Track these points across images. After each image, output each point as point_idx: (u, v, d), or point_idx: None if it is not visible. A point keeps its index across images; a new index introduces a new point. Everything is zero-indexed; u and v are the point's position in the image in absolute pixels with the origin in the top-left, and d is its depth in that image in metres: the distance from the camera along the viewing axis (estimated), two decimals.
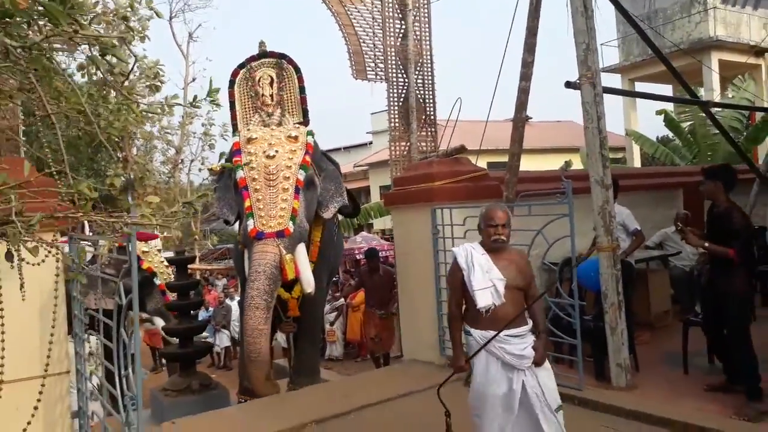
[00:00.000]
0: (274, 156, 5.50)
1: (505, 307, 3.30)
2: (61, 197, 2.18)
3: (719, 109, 11.57)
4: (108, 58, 1.90)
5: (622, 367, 4.98)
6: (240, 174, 5.53)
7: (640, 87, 17.76)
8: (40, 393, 4.02)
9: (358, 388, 5.78)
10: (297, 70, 6.17)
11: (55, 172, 2.70)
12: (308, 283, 5.42)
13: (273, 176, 5.43)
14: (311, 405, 5.19)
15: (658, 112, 12.02)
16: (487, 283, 3.30)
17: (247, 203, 5.42)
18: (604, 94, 5.29)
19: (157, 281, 8.42)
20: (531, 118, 24.73)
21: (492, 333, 3.24)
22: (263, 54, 6.23)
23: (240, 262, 6.08)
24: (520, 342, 3.30)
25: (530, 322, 3.40)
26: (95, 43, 1.82)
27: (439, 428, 4.59)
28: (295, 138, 5.70)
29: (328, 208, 5.95)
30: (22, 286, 2.60)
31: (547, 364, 3.39)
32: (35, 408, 3.84)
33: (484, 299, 3.29)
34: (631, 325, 5.43)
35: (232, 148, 5.81)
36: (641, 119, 16.98)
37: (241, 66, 6.20)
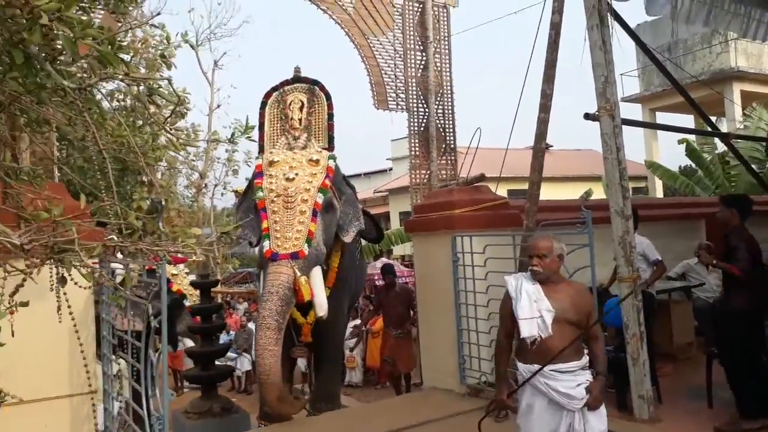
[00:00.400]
0: (293, 179, 5.59)
1: (552, 340, 3.10)
2: (110, 226, 2.31)
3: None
4: (154, 96, 2.03)
5: (644, 398, 4.93)
6: (260, 195, 5.64)
7: (661, 117, 17.77)
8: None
9: (377, 415, 5.79)
10: (328, 97, 6.28)
11: (92, 194, 2.85)
12: (321, 306, 5.45)
13: (291, 198, 5.51)
14: (330, 431, 5.21)
15: (680, 142, 11.99)
16: (534, 314, 3.16)
17: (264, 224, 5.51)
18: (624, 126, 5.36)
19: (187, 303, 8.56)
20: (552, 146, 24.75)
21: (537, 367, 3.10)
22: (297, 79, 6.36)
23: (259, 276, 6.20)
24: (570, 379, 3.09)
25: (585, 360, 3.18)
26: (142, 83, 1.95)
27: None
28: (317, 162, 5.78)
29: (348, 232, 6.01)
30: (59, 308, 2.71)
31: (602, 409, 3.14)
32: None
33: (528, 329, 3.16)
34: (653, 357, 5.40)
35: (254, 170, 5.93)
36: (663, 148, 16.96)
37: (274, 89, 6.33)
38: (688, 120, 17.24)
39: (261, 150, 6.18)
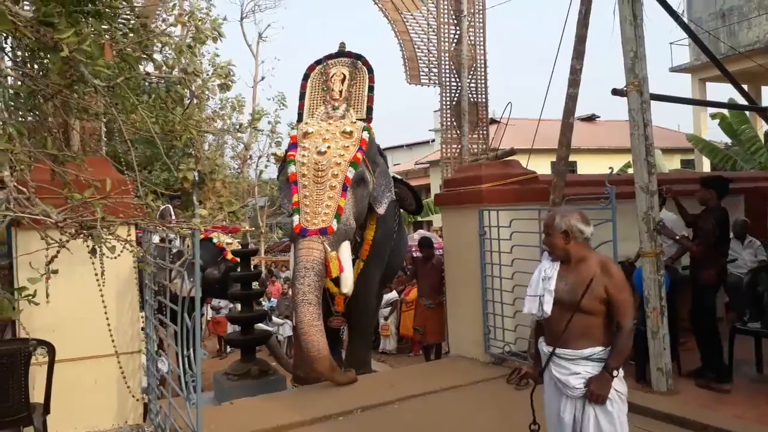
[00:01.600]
0: (325, 152, 5.59)
1: (551, 322, 2.99)
2: (133, 204, 2.57)
3: None
4: (171, 90, 2.26)
5: (663, 371, 5.03)
6: (292, 169, 5.67)
7: (711, 87, 17.11)
8: (121, 368, 4.52)
9: (403, 379, 6.05)
10: (370, 70, 6.31)
11: (127, 170, 3.15)
12: (346, 283, 5.53)
13: (322, 173, 5.52)
14: (358, 393, 5.48)
15: (713, 117, 11.59)
16: (538, 291, 3.05)
17: (294, 198, 5.55)
18: (654, 101, 5.34)
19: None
20: (599, 117, 24.12)
21: (544, 345, 3.06)
22: (341, 53, 6.43)
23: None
24: (566, 366, 2.93)
25: (594, 350, 2.90)
26: (162, 78, 2.18)
27: (476, 421, 4.82)
28: (350, 134, 5.77)
29: (381, 204, 6.06)
30: (102, 273, 3.01)
31: (610, 407, 2.87)
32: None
33: (528, 306, 3.11)
34: (677, 331, 5.47)
35: (290, 141, 5.99)
36: (712, 121, 16.37)
37: (318, 62, 6.41)
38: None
39: (300, 119, 6.24)
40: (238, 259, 8.95)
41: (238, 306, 9.12)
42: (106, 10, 1.93)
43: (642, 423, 4.60)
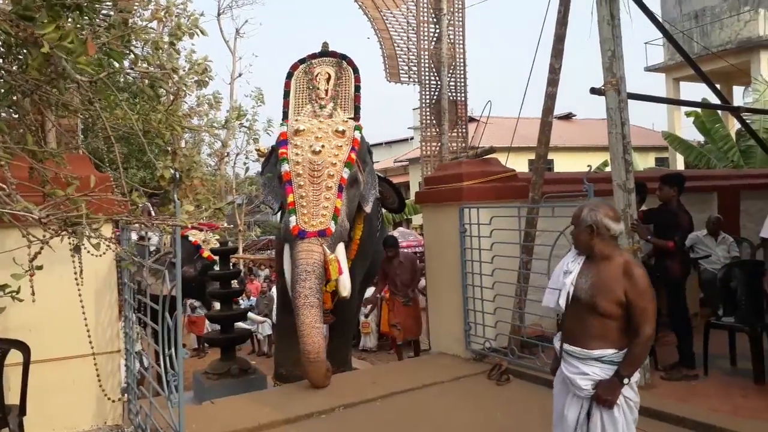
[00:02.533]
0: (319, 152, 5.53)
1: (567, 318, 2.94)
2: (116, 200, 2.55)
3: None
4: (155, 85, 2.23)
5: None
6: (285, 167, 5.57)
7: (685, 87, 17.49)
8: (96, 370, 4.46)
9: (385, 376, 6.06)
10: (355, 70, 6.29)
11: (113, 165, 3.11)
12: (345, 286, 5.49)
13: (318, 173, 5.47)
14: (340, 391, 5.49)
15: (688, 115, 11.85)
16: (558, 284, 2.97)
17: (290, 198, 5.47)
18: (631, 100, 5.42)
19: (217, 268, 8.85)
20: (575, 115, 24.43)
21: (557, 340, 3.02)
22: (325, 52, 6.36)
23: (277, 244, 6.33)
24: (577, 366, 2.84)
25: (607, 352, 2.80)
26: (145, 74, 2.16)
27: (458, 417, 4.86)
28: (342, 133, 5.72)
29: (368, 202, 6.04)
30: (81, 272, 2.97)
31: (617, 413, 2.79)
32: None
33: (547, 298, 3.07)
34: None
35: (278, 137, 5.87)
36: (686, 119, 16.69)
37: (302, 61, 6.33)
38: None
39: (285, 117, 6.13)
40: (215, 257, 8.88)
41: (216, 305, 9.06)
42: (86, 4, 1.89)
43: None
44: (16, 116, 2.70)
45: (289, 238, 5.47)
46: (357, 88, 6.24)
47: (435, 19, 7.82)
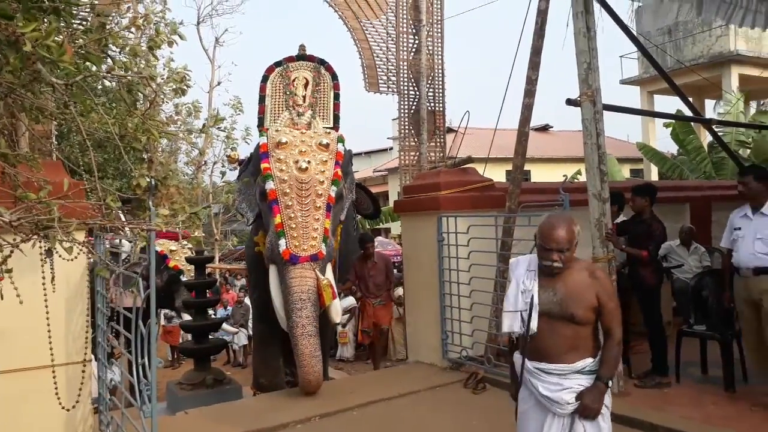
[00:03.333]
0: (306, 168, 5.40)
1: (537, 337, 2.70)
2: (93, 200, 2.51)
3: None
4: (132, 90, 2.22)
5: None
6: (270, 185, 5.41)
7: (659, 100, 17.84)
8: (55, 381, 4.35)
9: (362, 386, 6.04)
10: (334, 77, 6.13)
11: (83, 173, 3.06)
12: (338, 312, 5.51)
13: (305, 192, 5.35)
14: (317, 400, 5.44)
15: (665, 126, 12.12)
16: (519, 306, 2.74)
17: (278, 219, 5.34)
18: (606, 111, 5.52)
19: (184, 278, 8.73)
20: (552, 126, 24.70)
21: (526, 361, 2.74)
22: (302, 56, 6.17)
23: (254, 263, 6.23)
24: (555, 382, 2.67)
25: (585, 362, 2.70)
26: (123, 78, 2.14)
27: (434, 425, 4.86)
28: (326, 146, 5.60)
29: (344, 210, 5.97)
30: (53, 279, 2.91)
31: (602, 421, 2.70)
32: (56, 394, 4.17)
33: (508, 324, 2.79)
34: (628, 335, 5.64)
35: (258, 149, 5.67)
36: (661, 131, 17.02)
37: (278, 64, 6.12)
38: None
39: (261, 123, 5.96)
40: (181, 267, 8.79)
41: (186, 316, 8.94)
42: (63, 7, 1.87)
43: None
44: None
45: (278, 261, 5.36)
46: (336, 96, 6.11)
47: (414, 30, 7.89)
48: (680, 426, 4.39)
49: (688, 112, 7.20)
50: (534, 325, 2.69)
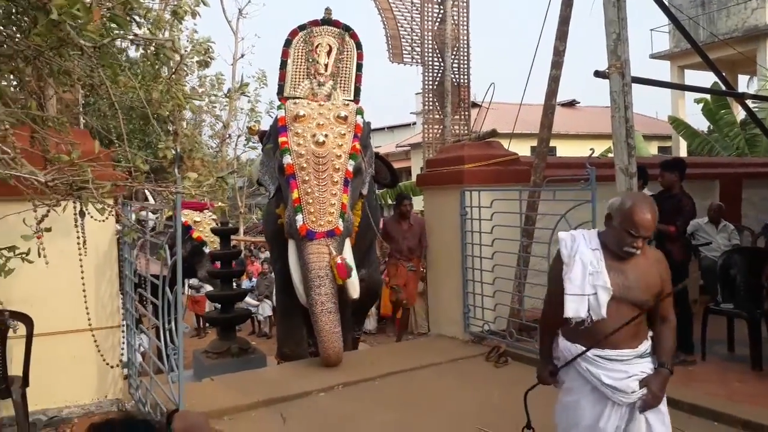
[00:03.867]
0: (323, 142, 5.31)
1: (606, 322, 2.48)
2: (120, 168, 2.55)
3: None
4: (160, 53, 2.22)
5: None
6: (288, 159, 5.32)
7: (690, 74, 17.36)
8: (96, 343, 4.48)
9: (384, 357, 6.09)
10: (359, 46, 5.94)
11: (114, 140, 3.10)
12: (355, 288, 5.42)
13: (323, 167, 5.27)
14: (339, 370, 5.50)
15: (697, 101, 11.80)
16: (586, 289, 2.51)
17: (295, 195, 5.28)
18: (635, 85, 5.39)
19: (207, 250, 8.84)
20: (578, 102, 24.21)
21: (581, 348, 2.53)
22: (327, 21, 5.98)
23: (275, 235, 6.18)
24: (619, 369, 2.50)
25: (645, 345, 2.57)
26: (150, 43, 2.15)
27: (455, 396, 4.89)
28: (345, 119, 5.47)
29: (365, 184, 5.87)
30: (84, 242, 2.96)
31: (662, 407, 2.55)
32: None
33: (574, 308, 2.52)
34: None
35: (276, 122, 5.60)
36: (691, 107, 16.60)
37: (302, 28, 5.94)
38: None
39: (280, 91, 5.84)
40: (204, 238, 8.89)
41: (208, 287, 9.07)
42: None
43: None
44: (16, 84, 2.68)
45: (296, 236, 5.34)
46: (359, 67, 5.92)
47: (439, 0, 7.76)
48: (704, 402, 4.36)
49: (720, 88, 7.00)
50: (603, 310, 2.49)
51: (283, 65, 5.85)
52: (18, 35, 2.02)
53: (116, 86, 2.46)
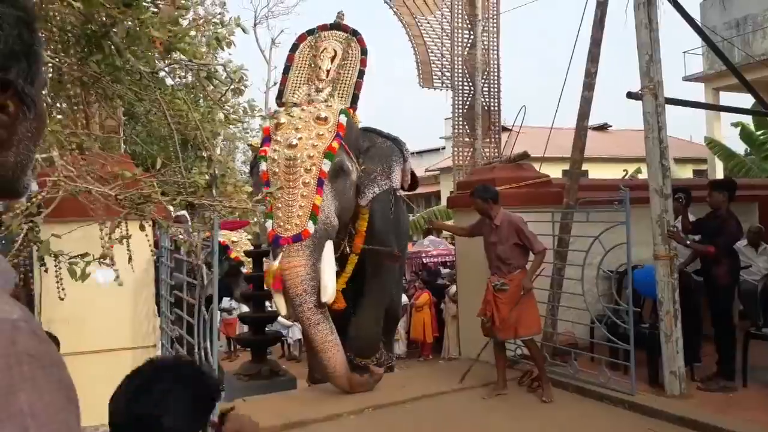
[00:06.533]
0: (295, 145, 4.98)
1: None
2: (177, 186, 2.64)
3: None
4: (211, 77, 2.32)
5: (676, 375, 5.01)
6: (263, 167, 5.10)
7: (725, 97, 17.07)
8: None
9: (414, 380, 6.06)
10: (364, 51, 5.66)
11: (149, 167, 3.21)
12: (325, 289, 4.98)
13: (293, 169, 4.95)
14: (370, 393, 5.48)
15: (734, 125, 11.57)
16: None
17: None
18: (669, 106, 5.36)
19: (244, 270, 8.92)
20: (611, 126, 23.99)
21: None
22: (336, 25, 5.82)
23: None
24: None
25: None
26: (202, 68, 2.25)
27: (486, 421, 4.83)
28: (325, 120, 5.11)
29: (365, 195, 5.45)
30: (130, 258, 3.04)
31: None
32: None
33: None
34: (699, 337, 5.53)
35: (263, 134, 5.37)
36: (727, 130, 16.30)
37: (310, 32, 5.80)
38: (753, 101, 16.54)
39: (280, 96, 5.67)
40: (242, 258, 8.96)
41: (244, 307, 9.17)
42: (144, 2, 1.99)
43: (655, 425, 4.60)
44: (65, 109, 2.80)
45: (270, 245, 5.11)
46: (361, 74, 5.60)
47: (469, 25, 7.86)
48: (745, 429, 4.24)
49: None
50: None
51: (287, 70, 5.72)
52: (75, 61, 2.13)
53: (165, 108, 2.56)
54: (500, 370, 5.53)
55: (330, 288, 5.01)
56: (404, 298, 11.12)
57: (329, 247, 5.13)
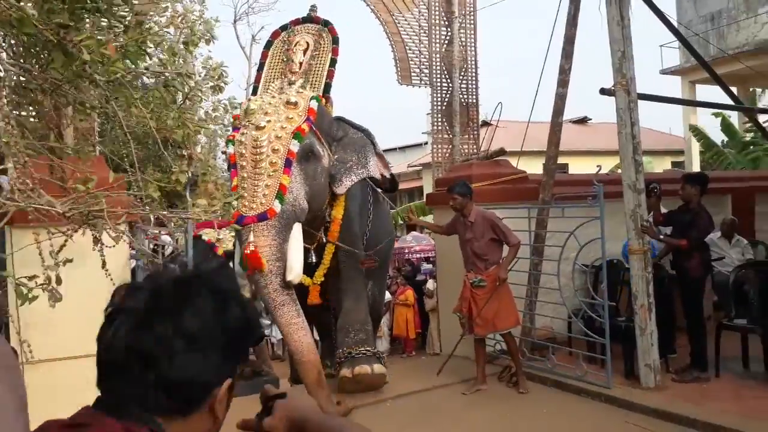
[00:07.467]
0: (263, 127, 4.89)
1: None
2: (134, 196, 2.63)
3: None
4: (169, 85, 2.32)
5: (650, 367, 5.10)
6: (230, 150, 5.02)
7: (702, 90, 17.29)
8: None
9: (396, 378, 6.08)
10: (335, 41, 5.59)
11: (127, 168, 3.20)
12: (290, 269, 4.82)
13: (259, 149, 4.84)
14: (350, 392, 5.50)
15: (716, 115, 11.73)
16: None
17: (234, 182, 4.90)
18: (646, 102, 5.44)
19: (231, 265, 8.79)
20: (590, 119, 24.11)
21: None
22: (308, 18, 5.77)
23: None
24: None
25: None
26: (162, 74, 2.24)
27: (468, 417, 4.88)
28: (295, 104, 5.03)
29: (342, 182, 5.37)
30: (103, 264, 3.02)
31: None
32: None
33: None
34: (672, 329, 5.62)
35: (232, 120, 5.21)
36: (707, 120, 16.55)
37: (283, 28, 5.78)
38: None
39: (254, 92, 5.65)
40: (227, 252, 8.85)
41: None
42: (105, 7, 1.98)
43: (630, 418, 4.69)
44: (35, 115, 2.78)
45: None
46: (333, 62, 5.52)
47: (447, 22, 7.89)
48: (719, 420, 4.32)
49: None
50: None
51: (261, 67, 5.72)
52: (37, 68, 2.12)
53: (129, 116, 2.55)
54: (480, 366, 5.59)
55: (296, 268, 4.86)
56: (387, 295, 11.15)
57: (297, 228, 4.98)
